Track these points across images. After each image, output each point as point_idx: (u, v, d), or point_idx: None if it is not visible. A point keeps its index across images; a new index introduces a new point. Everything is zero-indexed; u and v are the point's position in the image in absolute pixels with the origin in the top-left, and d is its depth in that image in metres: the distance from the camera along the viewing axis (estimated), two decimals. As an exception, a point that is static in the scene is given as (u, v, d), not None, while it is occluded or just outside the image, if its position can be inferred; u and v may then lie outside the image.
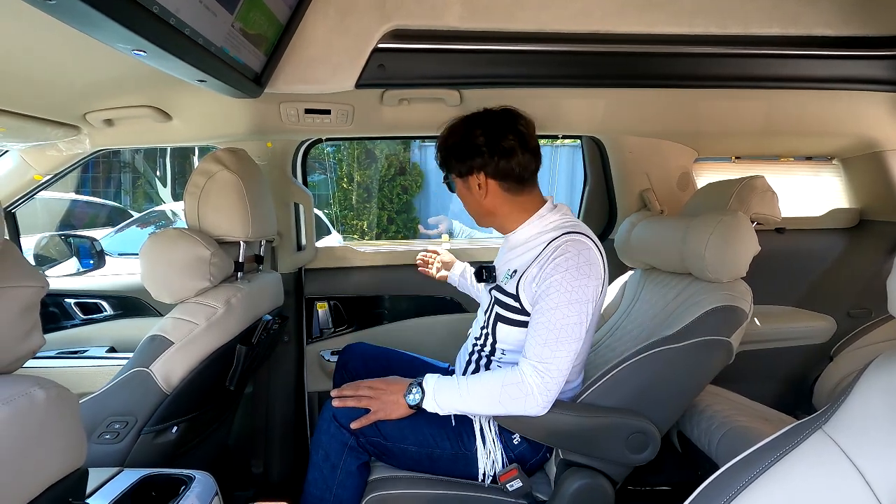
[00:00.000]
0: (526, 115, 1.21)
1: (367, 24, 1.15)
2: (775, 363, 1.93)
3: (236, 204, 1.29)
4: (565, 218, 1.22)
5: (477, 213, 1.27)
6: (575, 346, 1.08)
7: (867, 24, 1.23)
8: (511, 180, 1.19)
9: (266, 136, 1.74)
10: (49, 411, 0.49)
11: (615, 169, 1.93)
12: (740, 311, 1.21)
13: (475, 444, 1.18)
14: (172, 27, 0.75)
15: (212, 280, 1.22)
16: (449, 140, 1.23)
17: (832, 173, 2.14)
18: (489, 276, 1.29)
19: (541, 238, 1.18)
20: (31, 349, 0.51)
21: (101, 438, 1.08)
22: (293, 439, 1.91)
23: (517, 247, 1.24)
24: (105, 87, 1.23)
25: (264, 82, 1.15)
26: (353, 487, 1.17)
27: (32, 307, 0.51)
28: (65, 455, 0.52)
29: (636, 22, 1.19)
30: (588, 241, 1.13)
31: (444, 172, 1.28)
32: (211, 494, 0.92)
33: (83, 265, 2.07)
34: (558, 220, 1.21)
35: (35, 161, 1.64)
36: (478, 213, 1.27)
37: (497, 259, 1.35)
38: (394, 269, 1.99)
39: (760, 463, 0.60)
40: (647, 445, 1.14)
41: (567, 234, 1.13)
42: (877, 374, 0.58)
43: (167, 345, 1.12)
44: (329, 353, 1.89)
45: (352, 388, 1.18)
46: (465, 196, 1.26)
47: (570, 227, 1.17)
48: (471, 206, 1.27)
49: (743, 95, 1.48)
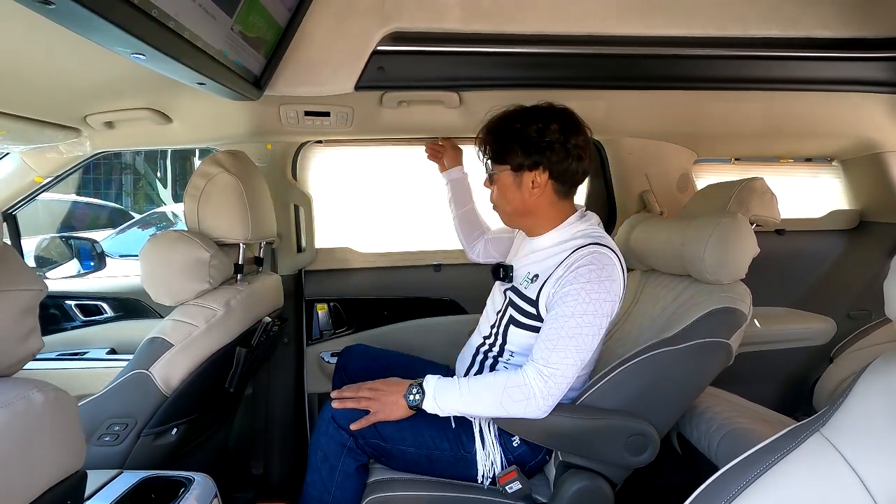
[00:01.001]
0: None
1: (367, 26, 1.16)
2: (775, 365, 1.93)
3: (236, 206, 1.29)
4: (593, 228, 1.20)
5: (513, 210, 1.21)
6: (583, 356, 1.08)
7: (866, 26, 1.24)
8: (566, 184, 1.18)
9: (266, 139, 1.75)
10: (47, 414, 0.49)
11: (614, 171, 1.93)
12: (740, 313, 1.21)
13: (474, 446, 1.18)
14: (171, 30, 0.76)
15: (211, 282, 1.22)
16: (514, 127, 1.15)
17: (832, 175, 2.14)
18: (506, 275, 1.28)
19: (566, 245, 1.16)
20: (29, 352, 0.51)
21: (100, 440, 1.08)
22: (293, 441, 1.91)
23: (540, 250, 1.22)
24: (105, 89, 1.23)
25: (264, 85, 1.16)
26: (351, 489, 1.16)
27: (31, 310, 0.51)
28: (63, 458, 0.52)
29: (635, 24, 1.19)
30: (613, 256, 1.12)
31: (493, 160, 1.19)
32: (210, 496, 0.93)
33: (84, 267, 2.08)
34: (586, 228, 1.19)
35: (36, 163, 1.65)
36: (514, 210, 1.21)
37: (513, 258, 1.34)
38: (394, 271, 1.99)
39: (758, 465, 0.60)
40: (647, 447, 1.14)
41: (593, 245, 1.12)
42: (874, 376, 0.58)
43: (167, 347, 1.13)
44: (329, 355, 1.89)
45: (352, 390, 1.18)
46: (507, 190, 1.19)
47: (597, 237, 1.15)
48: (509, 202, 1.20)
49: (742, 97, 1.48)
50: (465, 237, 1.60)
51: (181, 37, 0.79)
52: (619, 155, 1.89)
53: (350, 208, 2.04)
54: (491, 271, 1.33)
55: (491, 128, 1.20)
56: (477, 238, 1.58)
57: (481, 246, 1.58)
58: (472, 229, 1.59)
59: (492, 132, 1.20)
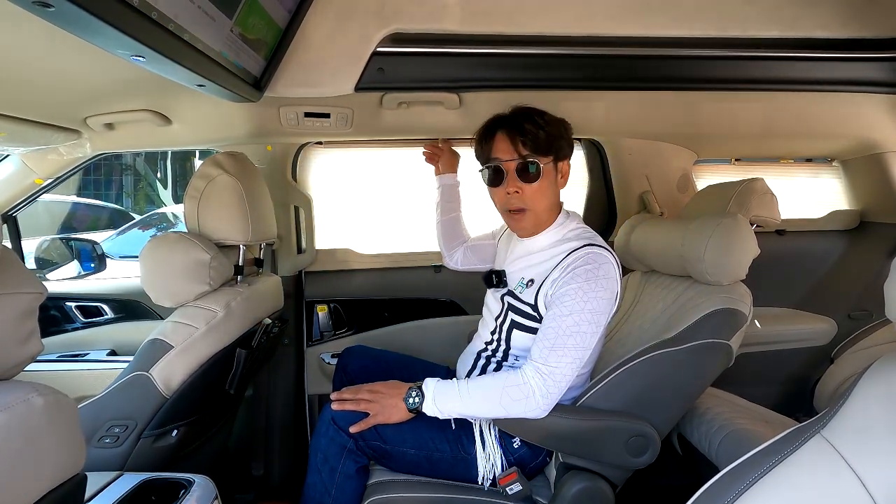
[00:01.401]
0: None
1: (367, 27, 1.16)
2: (776, 365, 1.93)
3: (236, 207, 1.29)
4: (582, 227, 1.23)
5: (549, 204, 1.22)
6: (581, 355, 1.09)
7: (866, 27, 1.23)
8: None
9: (266, 140, 1.75)
10: (47, 418, 0.49)
11: (615, 171, 1.93)
12: (740, 314, 1.21)
13: (475, 448, 1.18)
14: (171, 33, 0.76)
15: (211, 284, 1.22)
16: (546, 117, 1.20)
17: (832, 175, 2.14)
18: (500, 281, 1.28)
19: (560, 248, 1.18)
20: (29, 355, 0.51)
21: (101, 442, 1.08)
22: (293, 442, 1.91)
23: (534, 253, 1.24)
24: (105, 91, 1.23)
25: (264, 86, 1.16)
26: (351, 491, 1.16)
27: (31, 313, 0.52)
28: (63, 461, 0.52)
29: (635, 25, 1.19)
30: (608, 256, 1.14)
31: (541, 152, 1.18)
32: (210, 498, 0.93)
33: (84, 268, 2.08)
34: (576, 228, 1.22)
35: (36, 165, 1.65)
36: (550, 204, 1.22)
37: (503, 262, 1.34)
38: (394, 272, 1.99)
39: (759, 467, 0.60)
40: (647, 448, 1.14)
41: (588, 246, 1.14)
42: (875, 378, 0.58)
43: (167, 348, 1.13)
44: (329, 356, 1.89)
45: (351, 392, 1.18)
46: (548, 183, 1.20)
47: (589, 238, 1.18)
48: (548, 196, 1.21)
49: (742, 98, 1.48)
50: (446, 244, 1.60)
51: (181, 39, 0.79)
52: (619, 156, 1.90)
53: (350, 209, 2.04)
54: (483, 279, 1.32)
55: (528, 120, 1.18)
56: (457, 246, 1.60)
57: (460, 254, 1.59)
58: (454, 237, 1.59)
59: (533, 123, 1.17)
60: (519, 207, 1.20)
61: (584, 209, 2.07)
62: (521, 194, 1.18)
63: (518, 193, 1.19)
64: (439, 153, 1.61)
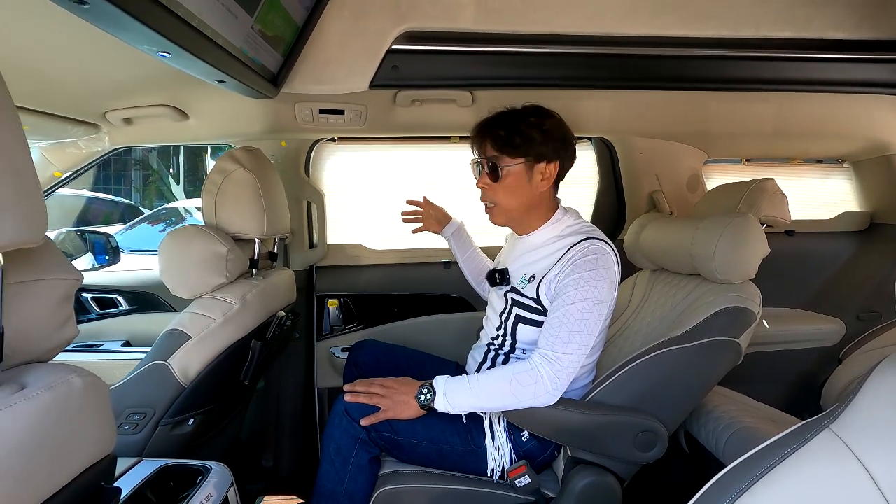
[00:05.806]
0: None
1: (382, 25, 1.17)
2: (784, 365, 1.93)
3: (252, 202, 1.31)
4: (580, 221, 1.26)
5: (519, 204, 1.23)
6: (587, 342, 1.11)
7: (879, 28, 1.23)
8: (562, 176, 1.26)
9: (280, 136, 1.77)
10: (85, 398, 0.51)
11: (625, 170, 1.94)
12: (749, 313, 1.21)
13: (484, 441, 1.20)
14: (195, 29, 0.77)
15: (228, 276, 1.24)
16: (530, 120, 1.19)
17: (843, 176, 2.13)
18: (503, 279, 1.30)
19: (560, 243, 1.21)
20: (66, 339, 0.54)
21: (120, 429, 1.10)
22: (303, 434, 1.94)
23: (533, 250, 1.26)
24: (125, 86, 1.26)
25: (280, 82, 1.17)
26: (364, 481, 1.19)
27: (68, 299, 0.54)
28: (98, 440, 0.54)
29: (648, 25, 1.20)
30: (607, 248, 1.16)
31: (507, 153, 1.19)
32: (227, 485, 0.94)
33: (98, 261, 2.11)
34: (574, 222, 1.25)
35: (55, 158, 1.68)
36: (520, 205, 1.23)
37: (505, 260, 1.36)
38: (404, 268, 2.01)
39: (767, 460, 0.60)
40: (655, 444, 1.15)
41: (587, 240, 1.16)
42: (885, 374, 0.59)
43: (185, 339, 1.15)
44: (339, 350, 1.91)
45: (364, 385, 1.20)
46: (518, 184, 1.20)
47: (587, 232, 1.20)
48: (517, 196, 1.22)
49: (754, 98, 1.48)
50: (474, 279, 1.64)
51: (204, 35, 0.80)
52: (629, 155, 1.90)
53: (361, 205, 2.06)
54: (486, 278, 1.36)
55: (503, 121, 1.22)
56: (483, 279, 1.60)
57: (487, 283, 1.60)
58: (479, 272, 1.62)
59: (506, 125, 1.21)
60: (487, 202, 1.27)
61: (594, 207, 2.07)
62: (488, 191, 1.25)
63: (486, 190, 1.25)
64: (421, 217, 1.61)
